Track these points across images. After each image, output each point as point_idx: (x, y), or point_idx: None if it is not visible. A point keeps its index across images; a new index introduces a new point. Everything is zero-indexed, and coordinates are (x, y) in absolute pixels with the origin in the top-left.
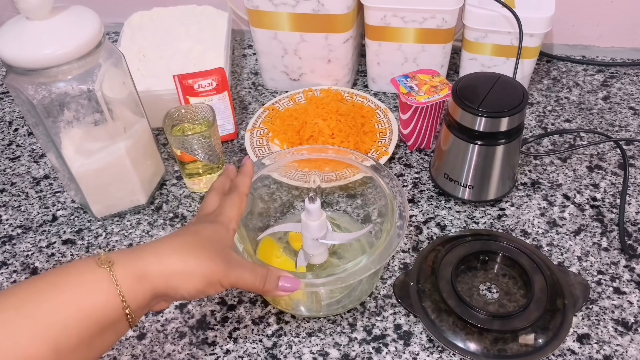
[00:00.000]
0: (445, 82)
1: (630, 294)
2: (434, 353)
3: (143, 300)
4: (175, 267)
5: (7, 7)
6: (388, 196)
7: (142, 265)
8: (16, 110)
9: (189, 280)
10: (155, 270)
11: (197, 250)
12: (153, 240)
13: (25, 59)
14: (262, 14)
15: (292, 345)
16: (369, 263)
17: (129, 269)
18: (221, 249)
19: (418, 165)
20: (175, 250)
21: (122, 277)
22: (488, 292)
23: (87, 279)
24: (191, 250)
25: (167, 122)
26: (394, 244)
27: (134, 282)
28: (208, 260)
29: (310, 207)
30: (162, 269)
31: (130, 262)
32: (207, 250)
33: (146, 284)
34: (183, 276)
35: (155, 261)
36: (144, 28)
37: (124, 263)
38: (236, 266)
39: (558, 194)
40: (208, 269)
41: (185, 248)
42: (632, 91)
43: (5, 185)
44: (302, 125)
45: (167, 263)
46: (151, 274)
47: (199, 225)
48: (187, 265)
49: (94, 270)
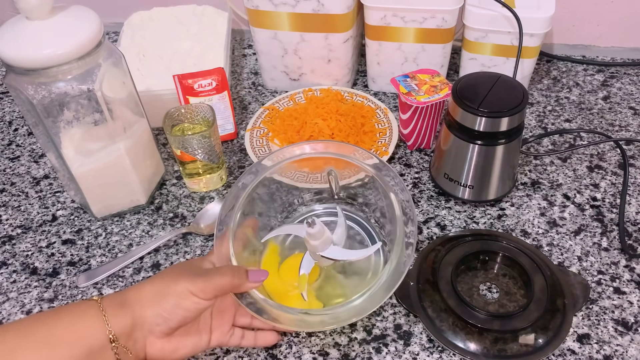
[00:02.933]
0: (445, 82)
1: (630, 294)
2: (434, 353)
3: (124, 325)
4: (147, 291)
5: (7, 7)
6: (398, 220)
7: (125, 295)
8: (16, 110)
9: (160, 298)
10: (133, 297)
11: (166, 275)
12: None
13: (25, 59)
14: (262, 14)
15: (292, 345)
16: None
17: (114, 299)
18: (189, 268)
19: (418, 165)
20: (150, 281)
21: (107, 305)
22: (488, 292)
23: (79, 308)
24: (162, 276)
25: (167, 122)
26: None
27: (116, 307)
28: (175, 277)
29: (310, 232)
30: (138, 295)
31: (117, 294)
32: (175, 271)
33: (126, 308)
34: (153, 296)
35: (133, 291)
36: (143, 28)
37: (112, 295)
38: (202, 274)
39: (558, 194)
40: (176, 284)
41: (158, 277)
42: (632, 91)
43: (5, 185)
44: (302, 125)
45: (142, 290)
46: (129, 300)
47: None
48: (156, 287)
49: (86, 303)
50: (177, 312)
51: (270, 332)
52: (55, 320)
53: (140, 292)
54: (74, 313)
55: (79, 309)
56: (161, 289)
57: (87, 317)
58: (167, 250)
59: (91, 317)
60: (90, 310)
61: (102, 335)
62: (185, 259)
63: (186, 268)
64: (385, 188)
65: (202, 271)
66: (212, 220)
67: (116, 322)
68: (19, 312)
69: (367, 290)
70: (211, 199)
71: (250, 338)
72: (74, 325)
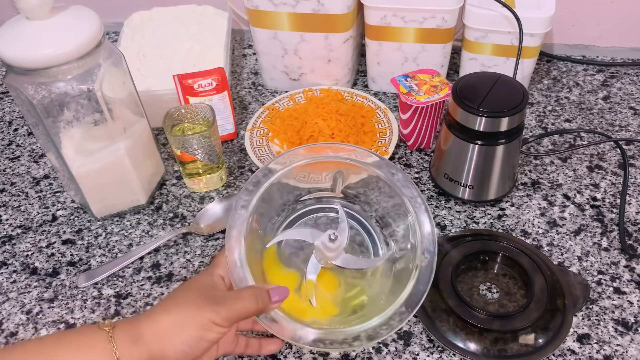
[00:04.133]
0: (445, 82)
1: (630, 294)
2: (434, 353)
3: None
4: (165, 323)
5: (7, 7)
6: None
7: (137, 327)
8: (16, 110)
9: (181, 332)
10: (148, 330)
11: (183, 303)
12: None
13: (25, 59)
14: (262, 14)
15: (292, 345)
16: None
17: (126, 331)
18: (204, 293)
19: (418, 165)
20: (165, 309)
21: (119, 338)
22: (488, 292)
23: (87, 338)
24: (178, 304)
25: (167, 122)
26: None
27: (129, 344)
28: (193, 306)
29: (330, 246)
30: (154, 327)
31: (129, 325)
32: (191, 298)
33: (141, 345)
34: (174, 329)
35: (148, 323)
36: (144, 28)
37: (123, 326)
38: (222, 300)
39: (558, 194)
40: (197, 315)
41: (173, 305)
42: (632, 91)
43: (5, 185)
44: (302, 125)
45: (158, 322)
46: (145, 334)
47: (191, 279)
48: (175, 318)
49: (94, 332)
50: (200, 345)
51: (274, 340)
52: (60, 351)
53: (157, 325)
54: (80, 345)
55: (87, 341)
56: (181, 322)
57: (95, 351)
58: (167, 250)
59: (100, 352)
60: (98, 344)
61: None
62: (185, 259)
63: (201, 293)
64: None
65: (221, 297)
66: (212, 220)
67: (129, 358)
68: (19, 312)
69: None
70: (211, 199)
71: (255, 346)
72: (80, 357)
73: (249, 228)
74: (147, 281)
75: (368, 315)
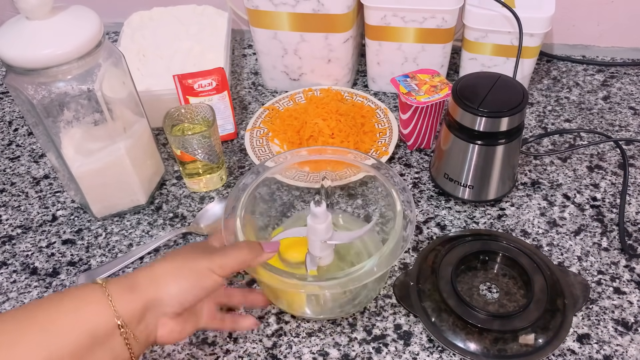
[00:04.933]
0: (445, 82)
1: (630, 294)
2: (434, 353)
3: (135, 309)
4: (160, 269)
5: (7, 7)
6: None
7: (133, 278)
8: (16, 110)
9: (177, 277)
10: (145, 278)
11: (179, 254)
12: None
13: (25, 59)
14: (262, 14)
15: (292, 345)
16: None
17: (121, 283)
18: (201, 248)
19: (418, 165)
20: (160, 260)
21: (114, 289)
22: (488, 292)
23: (82, 293)
24: (174, 255)
25: (167, 122)
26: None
27: (125, 292)
28: (190, 256)
29: (316, 211)
30: (149, 274)
31: (124, 278)
32: (188, 251)
33: (137, 292)
34: (169, 274)
35: (144, 273)
36: (143, 28)
37: (118, 279)
38: (219, 251)
39: (558, 194)
40: (194, 262)
41: (169, 256)
42: (632, 91)
43: (5, 185)
44: (302, 125)
45: (153, 269)
46: (141, 282)
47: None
48: (170, 265)
49: (91, 287)
50: (195, 291)
51: (248, 317)
52: (56, 306)
53: (152, 272)
54: (76, 298)
55: (82, 294)
56: (178, 268)
57: (91, 302)
58: (167, 250)
59: (96, 302)
60: (94, 294)
61: (108, 321)
62: None
63: (198, 248)
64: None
65: (216, 249)
66: (212, 220)
67: (125, 306)
68: None
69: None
70: (211, 199)
71: (230, 322)
72: (77, 311)
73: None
74: None
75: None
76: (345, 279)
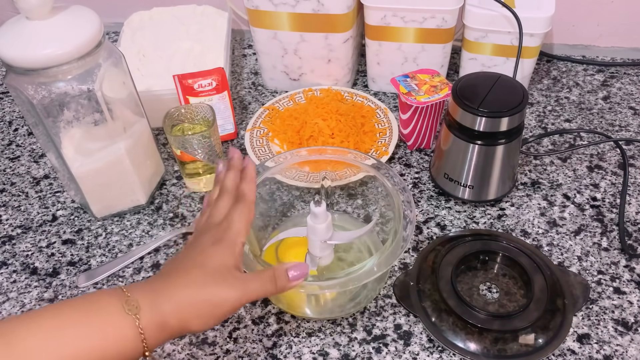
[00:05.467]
0: (445, 82)
1: (630, 294)
2: (434, 353)
3: (159, 343)
4: (190, 312)
5: (7, 7)
6: (393, 196)
7: (163, 314)
8: (16, 110)
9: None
10: (175, 319)
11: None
12: (168, 272)
13: (25, 59)
14: (262, 14)
15: (292, 345)
16: (375, 266)
17: (153, 319)
18: (227, 275)
19: (418, 165)
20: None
21: (146, 326)
22: (488, 292)
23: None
24: (202, 289)
25: (167, 122)
26: (400, 248)
27: (156, 331)
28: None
29: (316, 211)
30: (180, 316)
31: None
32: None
33: (167, 330)
34: (197, 319)
35: (173, 309)
36: (143, 28)
37: (150, 311)
38: (243, 284)
39: (558, 194)
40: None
41: (196, 289)
42: (632, 91)
43: (5, 185)
44: (302, 125)
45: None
46: (171, 322)
47: (206, 251)
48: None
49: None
50: (216, 322)
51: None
52: (83, 333)
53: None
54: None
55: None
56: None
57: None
58: (167, 250)
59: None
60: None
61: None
62: None
63: (224, 274)
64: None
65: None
66: None
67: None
68: (19, 312)
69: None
70: None
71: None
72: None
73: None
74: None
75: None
76: (345, 279)
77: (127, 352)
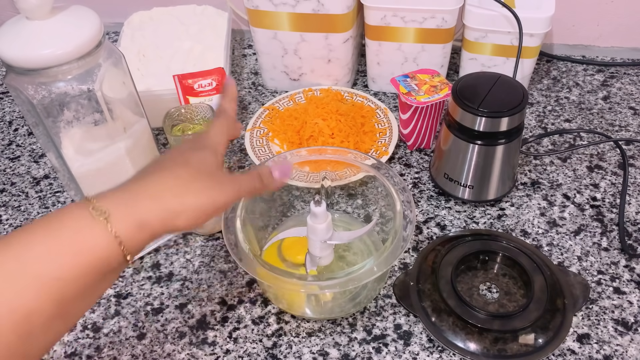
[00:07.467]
0: (445, 82)
1: (630, 294)
2: (434, 353)
3: (142, 244)
4: (174, 208)
5: (7, 7)
6: (393, 196)
7: (141, 213)
8: (16, 110)
9: (189, 216)
10: (155, 217)
11: (191, 185)
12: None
13: (25, 59)
14: (262, 14)
15: (292, 345)
16: (375, 266)
17: (128, 220)
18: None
19: (418, 165)
20: (172, 190)
21: (121, 229)
22: (488, 292)
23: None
24: (186, 185)
25: (167, 122)
26: (400, 248)
27: (133, 232)
28: (204, 192)
29: (316, 211)
30: (162, 214)
31: (129, 211)
32: (201, 180)
33: (146, 230)
34: (183, 214)
35: (153, 207)
36: (144, 28)
37: (122, 214)
38: (230, 182)
39: (558, 194)
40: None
41: (180, 185)
42: (632, 91)
43: (5, 185)
44: (302, 125)
45: (165, 206)
46: (151, 221)
47: (186, 153)
48: (185, 204)
49: (91, 224)
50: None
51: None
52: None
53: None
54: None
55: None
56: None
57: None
58: (167, 250)
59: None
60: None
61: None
62: (185, 259)
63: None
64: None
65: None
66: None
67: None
68: None
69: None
70: None
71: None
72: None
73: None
74: (147, 281)
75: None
76: (345, 279)
77: (105, 261)
